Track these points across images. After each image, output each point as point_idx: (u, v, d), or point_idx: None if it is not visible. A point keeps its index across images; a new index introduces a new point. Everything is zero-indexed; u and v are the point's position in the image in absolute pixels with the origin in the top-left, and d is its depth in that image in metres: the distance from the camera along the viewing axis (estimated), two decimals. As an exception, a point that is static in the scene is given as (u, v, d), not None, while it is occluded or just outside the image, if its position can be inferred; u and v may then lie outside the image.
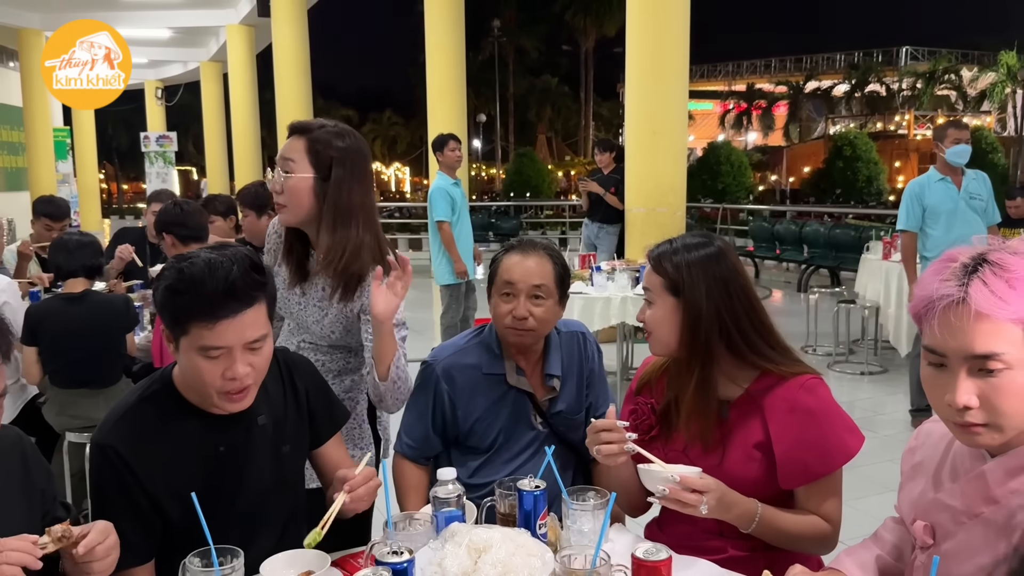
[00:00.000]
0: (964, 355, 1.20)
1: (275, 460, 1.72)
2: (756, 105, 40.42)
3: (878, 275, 6.51)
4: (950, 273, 1.23)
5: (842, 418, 1.73)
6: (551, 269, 2.06)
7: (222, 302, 1.48)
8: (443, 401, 2.07)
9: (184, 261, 1.52)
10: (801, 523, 1.69)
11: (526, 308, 2.01)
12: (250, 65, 17.47)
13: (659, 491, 1.55)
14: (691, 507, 1.54)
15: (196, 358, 1.51)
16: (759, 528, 1.64)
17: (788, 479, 1.70)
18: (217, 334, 1.49)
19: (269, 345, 1.59)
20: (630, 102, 7.67)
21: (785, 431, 1.69)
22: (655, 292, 1.77)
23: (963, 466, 1.36)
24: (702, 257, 1.76)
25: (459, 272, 6.14)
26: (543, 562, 1.42)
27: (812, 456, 1.68)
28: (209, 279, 1.47)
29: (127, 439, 1.56)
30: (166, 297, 1.51)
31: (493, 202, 20.56)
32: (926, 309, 1.24)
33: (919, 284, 1.29)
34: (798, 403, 1.70)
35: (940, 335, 1.22)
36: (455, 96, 12.15)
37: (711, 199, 19.23)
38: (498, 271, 2.10)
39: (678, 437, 1.77)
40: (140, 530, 1.57)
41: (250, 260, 1.54)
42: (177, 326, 1.52)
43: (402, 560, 1.30)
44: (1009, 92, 30.43)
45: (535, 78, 42.41)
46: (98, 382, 3.47)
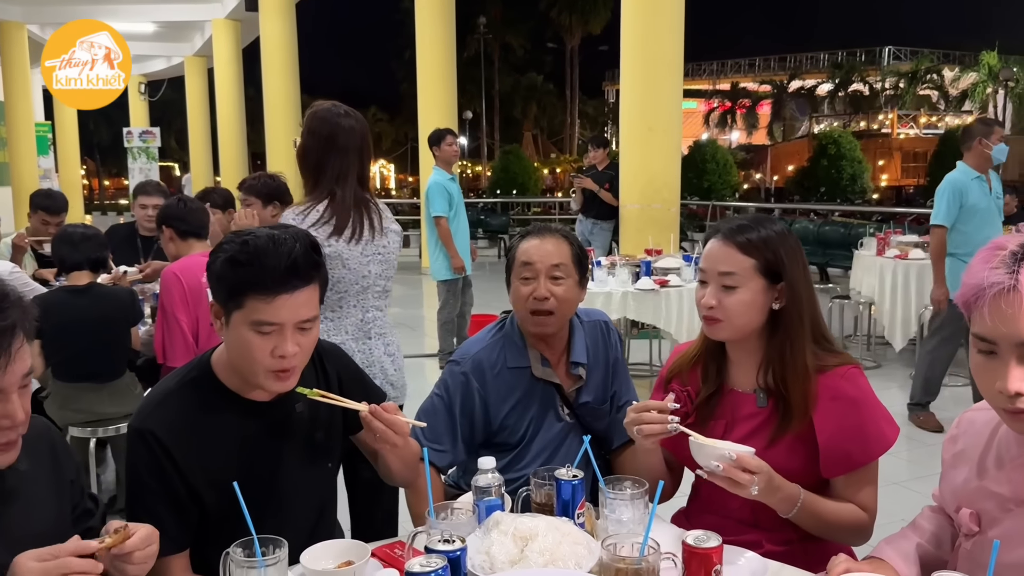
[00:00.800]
0: (1015, 342, 1.21)
1: (309, 447, 1.71)
2: (740, 104, 40.66)
3: (873, 271, 6.54)
4: (999, 261, 1.23)
5: (880, 408, 1.72)
6: (569, 250, 2.06)
7: (283, 278, 1.48)
8: (473, 401, 2.05)
9: (246, 235, 1.52)
10: (840, 511, 1.68)
11: (546, 288, 2.01)
12: (236, 60, 17.35)
13: (712, 467, 1.52)
14: (741, 487, 1.51)
15: (247, 333, 1.50)
16: (800, 514, 1.63)
17: (830, 467, 1.69)
18: (274, 309, 1.48)
19: (317, 328, 1.58)
20: (625, 98, 7.68)
21: (828, 419, 1.68)
22: (742, 275, 1.69)
23: (1009, 453, 1.37)
24: (788, 236, 1.74)
25: (456, 268, 6.12)
26: (589, 550, 1.42)
27: (854, 445, 1.68)
28: (273, 253, 1.48)
29: (166, 425, 1.55)
30: (225, 268, 1.51)
31: (480, 199, 20.53)
32: (975, 297, 1.25)
33: (968, 272, 1.29)
34: (840, 392, 1.69)
35: (991, 323, 1.22)
36: (446, 91, 12.14)
37: (697, 197, 19.29)
38: (515, 256, 2.09)
39: (714, 426, 1.76)
40: (177, 518, 1.55)
41: (310, 240, 1.55)
42: (232, 299, 1.51)
43: (455, 548, 1.29)
44: (990, 92, 30.78)
45: (520, 75, 42.43)
46: (102, 376, 3.43)
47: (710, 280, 1.73)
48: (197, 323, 3.36)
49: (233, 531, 1.38)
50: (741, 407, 1.77)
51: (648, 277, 5.21)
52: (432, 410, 2.06)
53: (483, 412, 2.06)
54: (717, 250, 1.73)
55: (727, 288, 1.70)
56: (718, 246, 1.73)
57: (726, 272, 1.70)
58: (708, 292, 1.73)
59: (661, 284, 5.18)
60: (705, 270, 1.75)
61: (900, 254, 6.37)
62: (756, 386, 1.76)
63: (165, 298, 3.33)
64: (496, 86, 41.05)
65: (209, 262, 1.57)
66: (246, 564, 1.31)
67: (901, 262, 6.25)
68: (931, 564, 1.50)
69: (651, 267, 5.32)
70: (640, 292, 5.10)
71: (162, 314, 3.36)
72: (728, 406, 1.79)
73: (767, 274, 1.69)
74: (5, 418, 1.23)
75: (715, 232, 1.76)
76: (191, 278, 3.36)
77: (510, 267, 2.10)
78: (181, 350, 3.30)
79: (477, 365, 2.07)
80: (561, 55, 42.65)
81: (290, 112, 14.52)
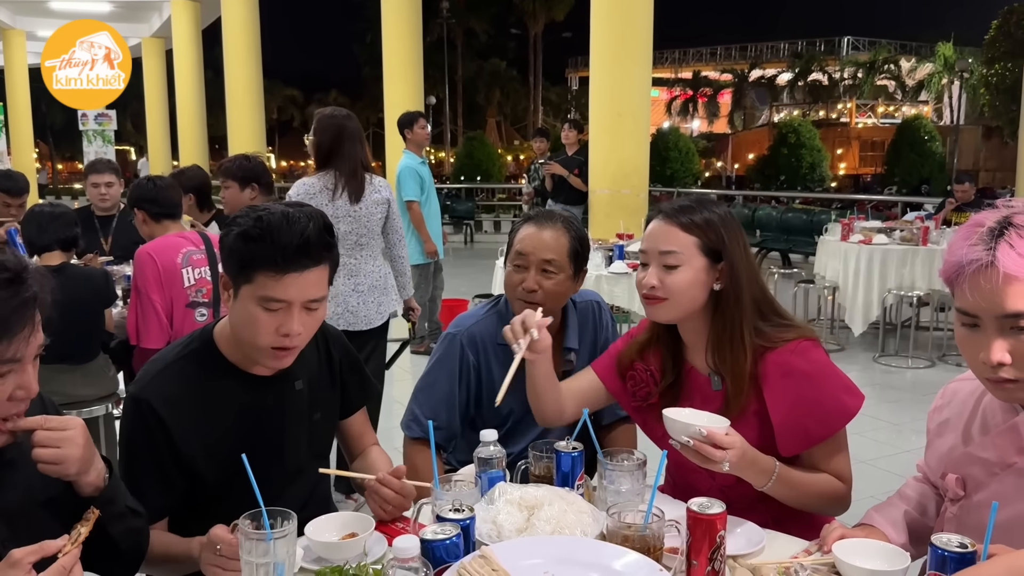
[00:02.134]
0: (995, 315, 1.26)
1: (307, 426, 1.71)
2: (702, 93, 40.97)
3: (837, 256, 6.68)
4: (977, 238, 1.29)
5: (839, 378, 1.71)
6: (566, 243, 2.02)
7: (294, 256, 1.47)
8: (469, 372, 2.06)
9: (261, 210, 1.51)
10: (817, 480, 1.68)
11: (535, 281, 1.99)
12: (195, 42, 17.05)
13: (684, 441, 1.50)
14: (712, 463, 1.49)
15: (254, 308, 1.50)
16: (775, 486, 1.61)
17: (787, 446, 1.68)
18: (283, 286, 1.48)
19: (324, 309, 1.58)
20: (595, 84, 7.70)
21: (780, 397, 1.67)
22: (685, 254, 1.68)
23: (994, 420, 1.43)
24: (729, 215, 1.73)
25: (429, 252, 6.10)
26: (594, 519, 1.44)
27: (811, 420, 1.67)
28: (286, 231, 1.47)
29: (163, 395, 1.55)
30: (238, 243, 1.50)
31: (445, 185, 20.46)
32: (956, 273, 1.30)
33: (948, 250, 1.34)
34: (792, 367, 1.67)
35: (972, 298, 1.28)
36: (412, 76, 12.06)
37: (660, 184, 19.45)
38: (513, 240, 2.08)
39: (681, 408, 1.69)
40: (159, 489, 1.56)
41: (324, 220, 1.54)
42: (242, 273, 1.50)
43: (465, 516, 1.31)
44: (945, 83, 31.42)
45: (484, 61, 42.23)
46: (75, 358, 3.37)
47: (651, 260, 1.72)
48: (172, 304, 3.32)
49: (234, 505, 1.38)
50: (700, 389, 1.77)
51: (621, 261, 5.26)
52: (431, 383, 2.07)
53: (476, 383, 2.07)
54: (658, 230, 1.71)
55: (668, 268, 1.68)
56: (659, 226, 1.71)
57: (668, 251, 1.68)
58: (649, 272, 1.71)
59: (633, 268, 5.23)
60: (647, 251, 1.73)
61: (864, 239, 6.51)
62: (709, 368, 1.75)
63: (139, 279, 3.28)
64: (459, 72, 40.85)
65: (222, 235, 1.57)
66: (255, 536, 1.31)
67: (865, 247, 6.39)
68: (917, 530, 1.55)
69: (624, 251, 5.36)
70: (613, 275, 5.15)
71: (135, 295, 3.31)
72: (691, 387, 1.78)
73: (708, 253, 1.68)
74: (21, 389, 1.22)
75: (657, 213, 1.75)
76: (166, 259, 3.31)
77: (508, 250, 2.09)
78: (156, 331, 3.25)
79: (472, 337, 2.08)
80: (524, 41, 42.56)
81: (252, 95, 14.31)
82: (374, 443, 1.95)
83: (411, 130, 6.07)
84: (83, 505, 1.30)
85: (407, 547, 1.16)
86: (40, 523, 1.28)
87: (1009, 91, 16.66)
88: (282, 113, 46.10)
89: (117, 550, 1.39)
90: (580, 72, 42.79)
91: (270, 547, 1.30)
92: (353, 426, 1.90)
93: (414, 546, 1.16)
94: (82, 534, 1.21)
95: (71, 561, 1.16)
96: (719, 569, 1.32)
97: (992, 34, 19.07)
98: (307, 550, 1.47)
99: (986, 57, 19.40)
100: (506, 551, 1.30)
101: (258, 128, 14.65)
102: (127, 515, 1.40)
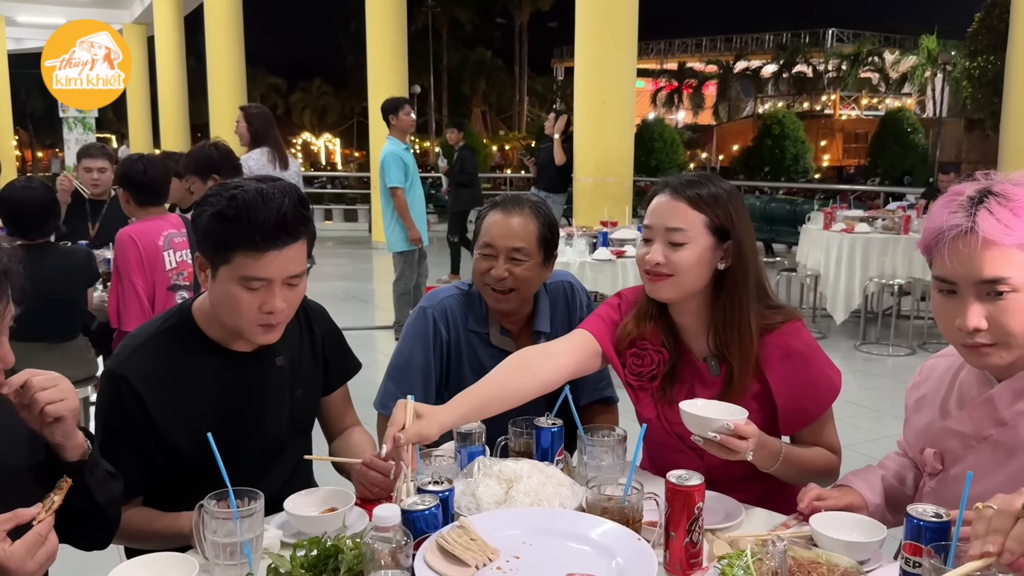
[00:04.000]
0: (973, 280, 1.28)
1: (289, 402, 1.70)
2: (687, 84, 41.00)
3: (819, 244, 6.71)
4: (957, 205, 1.31)
5: (824, 357, 1.73)
6: (534, 230, 1.97)
7: (272, 234, 1.45)
8: (441, 346, 2.03)
9: (233, 188, 1.47)
10: (816, 456, 1.71)
11: (504, 269, 1.95)
12: (178, 29, 16.86)
13: (711, 436, 1.46)
14: (736, 453, 1.48)
15: (235, 288, 1.48)
16: (782, 466, 1.62)
17: (789, 425, 1.70)
18: (262, 265, 1.46)
19: (304, 283, 1.57)
20: (579, 71, 7.70)
21: (783, 379, 1.67)
22: (692, 232, 1.63)
23: (970, 393, 1.44)
24: (736, 192, 1.70)
25: (413, 239, 6.08)
26: (572, 492, 1.45)
27: (808, 400, 1.69)
28: (262, 208, 1.44)
29: (140, 372, 1.53)
30: (213, 223, 1.47)
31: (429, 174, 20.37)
32: (936, 240, 1.32)
33: (928, 218, 1.36)
34: (790, 349, 1.67)
35: (950, 263, 1.29)
36: (396, 64, 12.00)
37: (644, 175, 19.45)
38: (481, 228, 2.03)
39: (678, 392, 1.72)
40: (135, 465, 1.54)
41: (298, 194, 1.51)
42: (219, 254, 1.48)
43: (444, 489, 1.31)
44: (929, 76, 31.59)
45: (469, 51, 41.99)
46: (55, 336, 3.34)
47: (656, 237, 1.66)
48: (153, 287, 3.30)
49: (214, 481, 1.37)
50: (699, 374, 1.74)
51: (605, 248, 5.26)
52: (406, 358, 2.03)
53: (445, 358, 2.04)
54: (665, 205, 1.66)
55: (675, 245, 1.63)
56: (667, 201, 1.66)
57: (675, 228, 1.63)
58: (654, 249, 1.65)
59: (618, 255, 5.24)
60: (652, 226, 1.67)
61: (846, 228, 6.55)
62: (707, 353, 1.73)
63: (120, 261, 3.26)
64: (444, 61, 40.65)
65: (194, 215, 1.54)
66: (221, 516, 1.29)
67: (847, 235, 6.42)
68: (895, 498, 1.57)
69: (608, 238, 5.37)
70: (597, 262, 5.15)
71: (116, 277, 3.29)
72: (689, 372, 1.75)
73: (716, 231, 1.64)
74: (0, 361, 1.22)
75: (663, 187, 1.69)
76: (147, 241, 3.29)
77: (476, 236, 2.05)
78: (136, 314, 3.23)
79: (444, 312, 2.04)
80: (510, 31, 42.41)
81: (235, 83, 14.16)
82: (355, 423, 1.93)
83: (396, 116, 6.01)
84: (57, 474, 1.29)
85: (387, 515, 1.16)
86: (14, 491, 1.27)
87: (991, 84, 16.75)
88: (265, 101, 45.49)
89: (103, 515, 1.39)
90: (566, 62, 42.71)
91: (236, 526, 1.29)
92: (335, 404, 1.88)
93: (395, 515, 1.16)
94: (55, 502, 1.20)
95: (46, 528, 1.16)
96: (697, 541, 1.33)
97: (975, 27, 19.13)
98: (286, 525, 1.46)
99: (969, 50, 19.47)
100: (484, 522, 1.30)
101: (241, 116, 14.53)
102: (108, 480, 1.40)
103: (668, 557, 1.32)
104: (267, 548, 1.33)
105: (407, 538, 1.17)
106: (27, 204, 3.22)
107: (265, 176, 1.55)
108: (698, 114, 42.03)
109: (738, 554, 1.31)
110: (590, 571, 1.20)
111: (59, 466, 1.31)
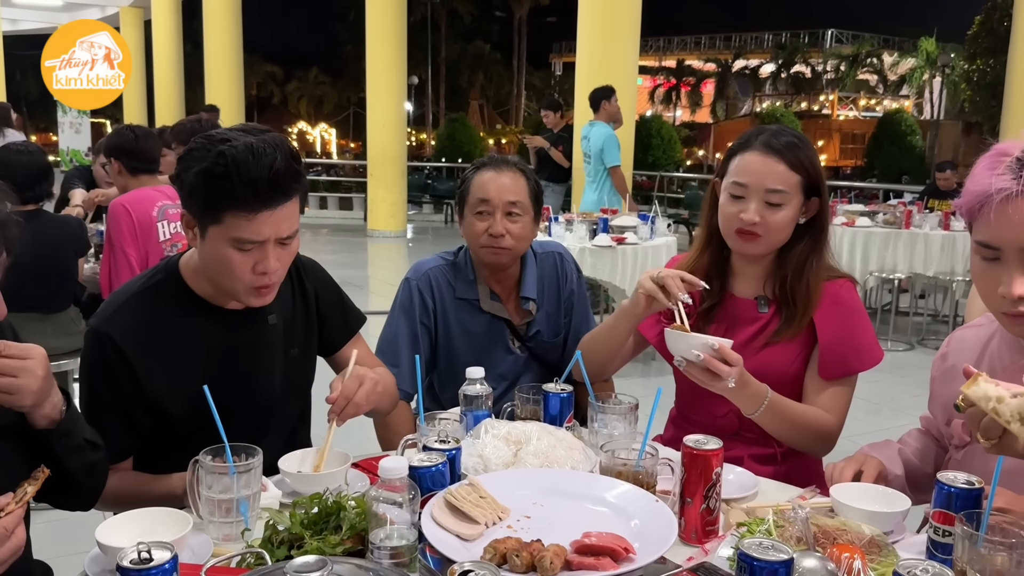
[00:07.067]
0: (1020, 246, 1.21)
1: (284, 362, 1.64)
2: (685, 82, 40.97)
3: (820, 238, 6.66)
4: (1005, 167, 1.23)
5: (870, 324, 1.76)
6: (525, 185, 1.99)
7: (265, 192, 1.35)
8: (428, 316, 2.02)
9: (220, 143, 1.36)
10: (807, 412, 1.69)
11: (503, 225, 1.95)
12: (175, 12, 16.72)
13: (693, 356, 1.47)
14: (719, 379, 1.47)
15: (227, 249, 1.40)
16: (765, 413, 1.60)
17: (828, 368, 1.69)
18: (255, 226, 1.37)
19: (298, 241, 1.49)
20: (581, 65, 7.68)
21: (828, 321, 1.70)
22: (790, 193, 1.65)
23: (1002, 363, 1.39)
24: (811, 145, 1.73)
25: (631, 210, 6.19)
26: (585, 455, 1.39)
27: (850, 350, 1.70)
28: (253, 166, 1.34)
29: (125, 330, 1.46)
30: (199, 181, 1.37)
31: (426, 164, 20.30)
32: (980, 204, 1.24)
33: (971, 179, 1.28)
34: (840, 297, 1.72)
35: (996, 228, 1.22)
36: (395, 55, 11.93)
37: (642, 170, 19.41)
38: (470, 189, 2.00)
39: (714, 331, 1.71)
40: (123, 427, 1.48)
41: (290, 148, 1.41)
42: (208, 214, 1.38)
43: (451, 447, 1.25)
44: (927, 78, 31.60)
45: (467, 43, 41.90)
46: (47, 306, 3.27)
47: (752, 196, 1.65)
48: (146, 258, 3.23)
49: (204, 442, 1.30)
50: (741, 312, 1.77)
51: (605, 234, 5.20)
52: (392, 332, 2.01)
53: (432, 327, 2.03)
54: (764, 165, 1.64)
55: (772, 206, 1.64)
56: (765, 160, 1.64)
57: (775, 190, 1.63)
58: (751, 208, 1.64)
59: (618, 241, 5.18)
60: (748, 185, 1.66)
61: (847, 222, 6.50)
62: (759, 293, 1.77)
63: (113, 231, 3.19)
64: (442, 53, 40.51)
65: (178, 170, 1.44)
66: (216, 470, 1.24)
67: (848, 229, 6.38)
68: (914, 475, 1.52)
69: (608, 224, 5.31)
70: (597, 248, 5.09)
71: (109, 248, 3.22)
72: (728, 312, 1.79)
73: (807, 191, 1.68)
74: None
75: (758, 144, 1.67)
76: (141, 212, 3.22)
77: (463, 200, 2.02)
78: (129, 286, 3.17)
79: (427, 282, 2.03)
80: (509, 24, 42.30)
81: (231, 70, 14.06)
82: None
83: (608, 101, 6.45)
84: (37, 436, 1.23)
85: (395, 467, 1.09)
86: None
87: (990, 87, 16.75)
88: (261, 89, 45.52)
89: (75, 483, 1.32)
90: (564, 58, 42.65)
91: (232, 482, 1.23)
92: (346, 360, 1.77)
93: (402, 467, 1.10)
94: (28, 493, 1.11)
95: (14, 521, 1.06)
96: (714, 508, 1.28)
97: (975, 30, 19.11)
98: (282, 484, 1.40)
99: (968, 53, 19.47)
100: (493, 481, 1.24)
101: (237, 103, 14.39)
102: (85, 448, 1.32)
103: (684, 524, 1.27)
104: (266, 507, 1.27)
105: (414, 491, 1.11)
106: (22, 166, 3.16)
107: (251, 126, 1.44)
108: (695, 112, 42.02)
109: (758, 521, 1.26)
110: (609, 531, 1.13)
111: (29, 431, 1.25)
